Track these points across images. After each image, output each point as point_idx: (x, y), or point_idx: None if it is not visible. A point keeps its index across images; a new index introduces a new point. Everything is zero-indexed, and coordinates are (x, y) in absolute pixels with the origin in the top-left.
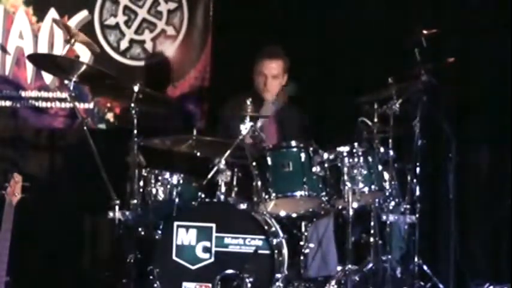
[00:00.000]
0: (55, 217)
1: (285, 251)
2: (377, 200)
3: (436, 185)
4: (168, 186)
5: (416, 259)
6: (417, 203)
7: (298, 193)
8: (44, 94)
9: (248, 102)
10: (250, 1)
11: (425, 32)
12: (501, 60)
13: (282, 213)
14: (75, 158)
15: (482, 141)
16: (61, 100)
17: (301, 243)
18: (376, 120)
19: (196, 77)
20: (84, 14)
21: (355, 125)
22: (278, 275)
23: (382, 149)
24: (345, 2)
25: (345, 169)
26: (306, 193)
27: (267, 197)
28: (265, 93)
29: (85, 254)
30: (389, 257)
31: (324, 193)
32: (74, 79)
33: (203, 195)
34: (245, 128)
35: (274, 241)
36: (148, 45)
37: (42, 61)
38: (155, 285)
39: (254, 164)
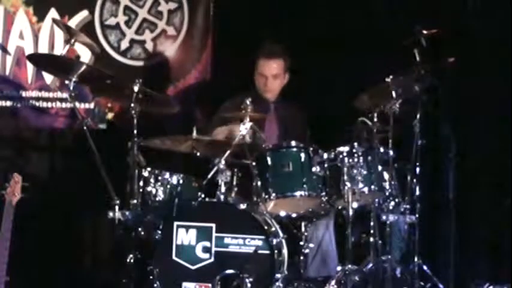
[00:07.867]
0: (55, 217)
1: (284, 251)
2: (377, 200)
3: (436, 185)
4: (168, 186)
5: (416, 259)
6: (417, 203)
7: (298, 193)
8: (45, 94)
9: (248, 102)
10: (250, 0)
11: (425, 32)
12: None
13: (282, 213)
14: (75, 158)
15: (482, 140)
16: (61, 100)
17: (301, 243)
18: (376, 120)
19: (196, 77)
20: (84, 14)
21: (355, 125)
22: (278, 275)
23: (382, 149)
24: (345, 2)
25: (345, 169)
26: (306, 193)
27: (266, 197)
28: (266, 94)
29: (85, 254)
30: (389, 257)
31: (323, 193)
32: (74, 79)
33: (203, 195)
34: (245, 128)
35: (274, 241)
36: (149, 45)
37: (42, 61)
38: (155, 285)
39: (254, 164)
